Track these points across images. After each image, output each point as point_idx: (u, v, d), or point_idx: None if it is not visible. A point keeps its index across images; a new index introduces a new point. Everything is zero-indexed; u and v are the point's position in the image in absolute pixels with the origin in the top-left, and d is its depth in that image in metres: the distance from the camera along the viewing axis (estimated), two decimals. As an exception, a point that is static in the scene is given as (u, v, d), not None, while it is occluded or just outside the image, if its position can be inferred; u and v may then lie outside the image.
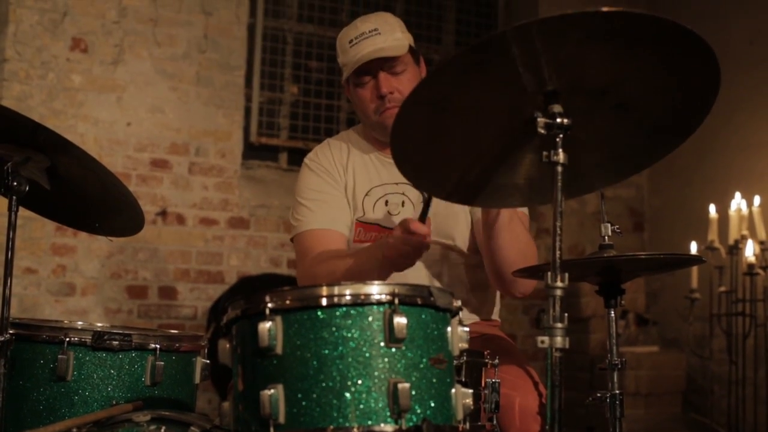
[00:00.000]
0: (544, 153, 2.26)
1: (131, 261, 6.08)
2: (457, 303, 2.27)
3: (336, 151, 3.54)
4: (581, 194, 2.70)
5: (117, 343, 2.73)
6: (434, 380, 2.14)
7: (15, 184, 2.67)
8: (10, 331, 2.62)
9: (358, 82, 3.41)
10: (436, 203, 3.31)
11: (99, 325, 3.08)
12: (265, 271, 6.39)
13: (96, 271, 5.99)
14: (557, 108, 2.24)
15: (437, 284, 3.28)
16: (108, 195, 2.92)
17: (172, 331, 3.07)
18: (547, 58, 2.15)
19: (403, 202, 3.40)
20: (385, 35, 3.36)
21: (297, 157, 6.52)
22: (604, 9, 2.01)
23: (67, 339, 2.70)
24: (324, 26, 7.07)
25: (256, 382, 2.11)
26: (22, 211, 2.75)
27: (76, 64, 6.04)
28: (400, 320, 2.07)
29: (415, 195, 3.39)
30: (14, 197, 2.69)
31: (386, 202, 3.42)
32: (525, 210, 3.41)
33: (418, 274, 3.28)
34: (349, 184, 3.47)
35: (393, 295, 2.10)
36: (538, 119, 2.24)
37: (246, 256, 6.42)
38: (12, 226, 2.69)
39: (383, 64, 3.35)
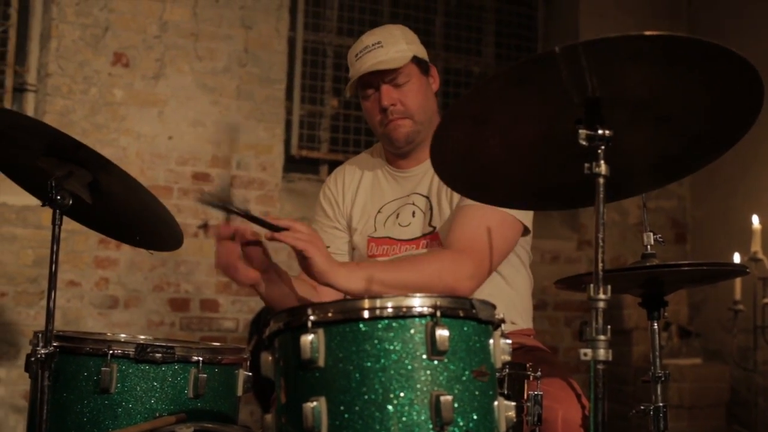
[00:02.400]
0: (586, 165, 2.25)
1: (173, 274, 6.10)
2: (499, 315, 2.26)
3: (348, 176, 3.61)
4: (620, 199, 2.68)
5: (160, 355, 2.73)
6: (477, 393, 2.13)
7: (58, 197, 2.69)
8: (54, 344, 2.64)
9: (364, 95, 3.45)
10: (437, 215, 3.33)
11: (142, 337, 3.10)
12: (308, 284, 6.41)
13: (138, 284, 6.02)
14: (599, 120, 2.24)
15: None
16: (148, 212, 2.93)
17: (215, 343, 3.08)
18: (590, 74, 2.15)
19: (413, 213, 3.41)
20: (387, 47, 3.37)
21: (338, 170, 6.54)
22: (647, 33, 2.02)
23: (111, 351, 2.71)
24: (364, 39, 7.08)
25: (298, 395, 2.11)
26: (66, 225, 2.76)
27: (117, 79, 6.08)
28: (442, 333, 2.06)
29: (422, 203, 3.40)
30: (57, 210, 2.71)
31: (397, 215, 3.43)
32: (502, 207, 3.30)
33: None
34: (358, 207, 3.52)
35: (435, 307, 2.09)
36: (580, 131, 2.24)
37: (288, 269, 6.41)
38: (55, 239, 2.70)
39: (384, 76, 3.36)
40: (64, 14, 5.98)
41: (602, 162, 2.24)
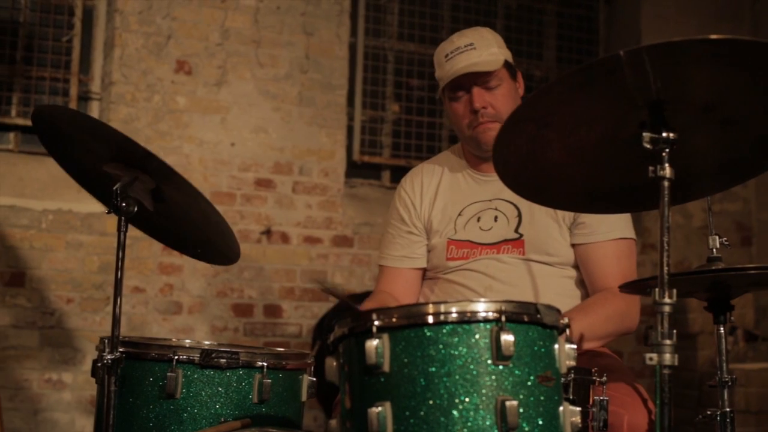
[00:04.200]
0: (650, 168, 2.24)
1: (237, 279, 6.13)
2: (564, 320, 2.25)
3: (427, 177, 3.59)
4: (684, 202, 2.66)
5: (225, 361, 2.75)
6: (542, 398, 2.12)
7: (124, 204, 2.71)
8: (120, 350, 2.66)
9: (453, 96, 3.42)
10: (528, 223, 3.33)
11: (206, 343, 3.12)
12: (369, 289, 6.40)
13: (202, 290, 6.05)
14: (663, 123, 2.22)
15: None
16: (208, 223, 2.95)
17: (279, 349, 3.08)
18: (654, 77, 2.13)
19: (496, 217, 3.40)
20: (480, 50, 3.36)
21: (399, 175, 6.49)
22: (713, 37, 2.00)
23: (176, 357, 2.73)
24: (424, 44, 7.08)
25: (363, 400, 2.11)
26: (130, 231, 2.79)
27: (180, 86, 6.12)
28: (507, 337, 2.06)
29: (508, 209, 3.39)
30: (123, 217, 2.73)
31: (478, 219, 3.42)
32: (619, 234, 3.36)
33: (520, 291, 3.27)
34: (437, 208, 3.51)
35: (500, 312, 2.09)
36: (644, 134, 2.22)
37: (350, 274, 6.44)
38: (121, 246, 2.72)
39: (477, 78, 3.35)
40: (127, 23, 6.03)
41: (667, 165, 2.22)
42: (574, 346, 2.24)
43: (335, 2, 6.56)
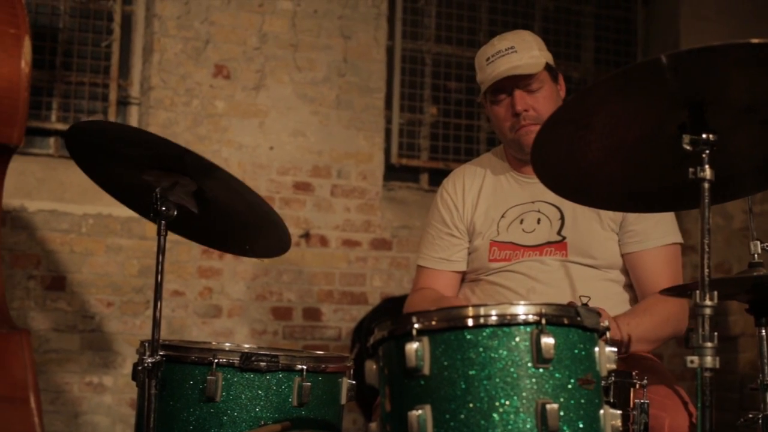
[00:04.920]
0: (690, 170, 2.23)
1: (276, 283, 6.14)
2: (604, 323, 2.24)
3: (469, 178, 3.59)
4: (723, 202, 2.64)
5: (264, 364, 2.76)
6: (582, 401, 2.11)
7: (164, 209, 2.72)
8: (161, 353, 2.67)
9: (494, 99, 3.42)
10: (571, 225, 3.32)
11: (246, 346, 3.13)
12: (408, 291, 6.38)
13: (241, 293, 6.06)
14: (703, 125, 2.21)
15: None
16: (254, 216, 2.96)
17: (318, 352, 3.09)
18: (695, 80, 2.12)
19: (539, 220, 3.39)
20: (521, 53, 3.35)
21: (438, 178, 6.51)
22: (754, 41, 1.99)
23: (216, 360, 2.74)
24: (462, 47, 7.06)
25: (403, 403, 2.11)
26: (169, 235, 2.80)
27: (219, 91, 6.14)
28: (547, 340, 2.05)
29: (550, 212, 3.39)
30: (163, 222, 2.74)
31: (521, 221, 3.42)
32: (670, 239, 3.36)
33: (562, 293, 3.27)
34: (480, 210, 3.50)
35: (540, 315, 2.08)
36: (684, 136, 2.21)
37: (389, 277, 6.44)
38: (161, 250, 2.74)
39: (518, 81, 3.35)
40: (165, 28, 6.06)
41: (707, 167, 2.21)
42: (615, 349, 2.23)
43: (372, 5, 6.56)
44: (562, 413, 2.05)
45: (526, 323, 2.08)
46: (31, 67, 2.82)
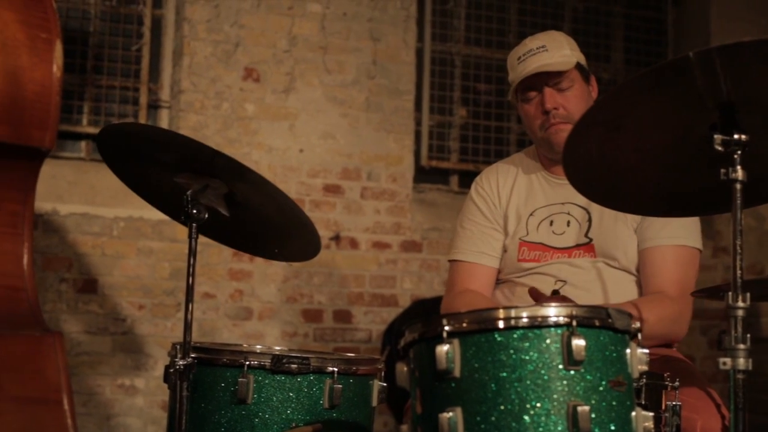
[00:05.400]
0: (722, 171, 2.21)
1: (306, 285, 6.15)
2: (636, 324, 2.23)
3: (502, 176, 3.57)
4: (757, 204, 2.62)
5: (296, 366, 2.76)
6: (614, 403, 2.10)
7: (195, 211, 2.73)
8: (192, 355, 2.68)
9: (525, 97, 3.41)
10: (598, 226, 3.30)
11: (277, 348, 3.13)
12: (439, 294, 6.38)
13: (272, 296, 6.08)
14: (734, 125, 2.20)
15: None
16: (285, 219, 2.96)
17: (349, 354, 3.09)
18: (725, 79, 2.11)
19: (568, 222, 3.38)
20: (552, 51, 3.35)
21: (468, 180, 6.51)
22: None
23: (247, 362, 2.75)
24: (491, 48, 7.06)
25: (434, 405, 2.11)
26: (200, 238, 2.81)
27: (249, 94, 6.15)
28: (578, 342, 2.04)
29: (579, 214, 3.38)
30: (194, 224, 2.75)
31: (551, 222, 3.41)
32: (682, 241, 3.33)
33: (592, 295, 3.26)
34: (512, 207, 3.49)
35: (570, 317, 2.07)
36: (715, 136, 2.20)
37: (419, 279, 6.44)
38: (192, 253, 2.75)
39: (549, 79, 3.34)
40: (195, 31, 6.08)
41: (739, 167, 2.19)
42: (647, 351, 2.22)
43: (402, 8, 6.57)
44: (593, 415, 2.04)
45: (556, 325, 2.07)
46: (63, 71, 2.83)
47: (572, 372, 2.06)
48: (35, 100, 2.76)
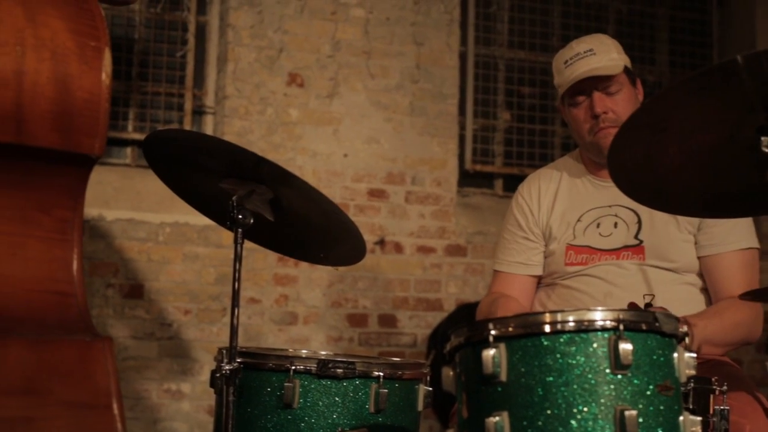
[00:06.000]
0: (768, 174, 2.20)
1: (351, 290, 6.16)
2: (683, 328, 2.22)
3: (545, 182, 3.57)
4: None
5: (341, 370, 2.76)
6: (661, 407, 2.09)
7: (240, 217, 2.74)
8: (238, 360, 2.69)
9: (573, 102, 3.40)
10: (649, 228, 3.29)
11: (323, 353, 3.13)
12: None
13: (317, 300, 6.09)
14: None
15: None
16: (330, 224, 2.97)
17: (395, 358, 3.08)
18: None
19: (615, 224, 3.37)
20: (599, 55, 3.34)
21: (512, 184, 6.50)
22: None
23: (293, 367, 2.75)
24: (535, 52, 7.04)
25: (481, 410, 2.11)
26: (246, 243, 2.82)
27: (293, 99, 6.17)
28: (625, 346, 2.03)
29: (627, 216, 3.36)
30: (240, 230, 2.76)
31: (598, 225, 3.40)
32: (746, 244, 3.33)
33: (638, 298, 3.24)
34: (556, 213, 3.49)
35: (618, 321, 2.06)
36: (762, 138, 2.19)
37: (464, 284, 6.43)
38: (238, 258, 2.76)
39: (597, 83, 3.33)
40: (239, 37, 6.11)
41: (785, 170, 2.18)
42: (694, 355, 2.21)
43: (445, 11, 6.56)
44: (641, 420, 2.03)
45: (603, 329, 2.06)
46: (111, 79, 2.86)
47: (619, 376, 2.04)
48: (84, 107, 2.79)
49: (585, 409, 2.02)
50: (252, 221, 2.77)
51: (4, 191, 2.80)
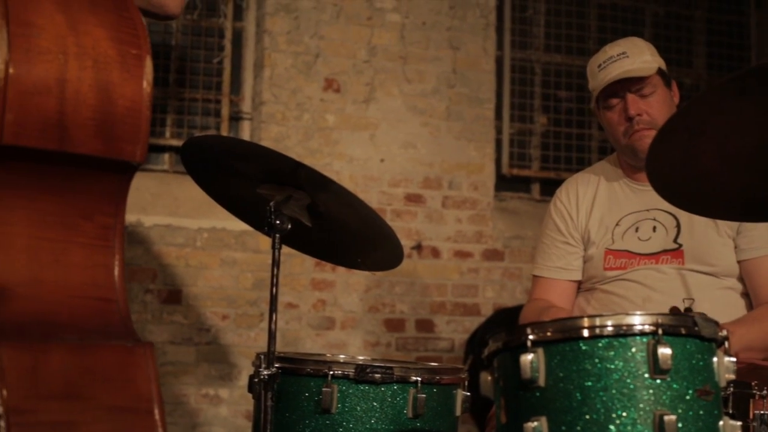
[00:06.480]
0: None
1: (388, 295, 6.16)
2: (723, 332, 2.21)
3: (582, 186, 3.57)
4: None
5: (379, 375, 2.76)
6: (701, 412, 2.08)
7: (278, 222, 2.75)
8: (276, 365, 2.70)
9: (607, 105, 3.40)
10: (688, 232, 3.28)
11: (360, 358, 3.14)
12: (521, 302, 6.35)
13: (354, 305, 6.09)
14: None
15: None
16: (367, 229, 2.98)
17: (432, 363, 3.09)
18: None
19: (654, 228, 3.37)
20: (633, 57, 3.34)
21: (549, 188, 6.49)
22: None
23: (331, 372, 2.76)
24: (572, 55, 7.02)
25: (519, 415, 2.11)
26: (283, 248, 2.83)
27: (329, 104, 6.18)
28: (664, 351, 2.02)
29: (666, 219, 3.35)
30: (277, 235, 2.77)
31: (636, 229, 3.39)
32: None
33: (677, 302, 3.22)
34: (595, 217, 3.48)
35: (656, 325, 2.06)
36: (801, 141, 2.18)
37: (501, 288, 6.41)
38: (276, 263, 2.77)
39: (631, 86, 3.33)
40: (276, 43, 6.13)
41: (827, 172, 2.17)
42: (734, 359, 2.20)
43: (481, 16, 6.56)
44: (680, 425, 2.02)
45: (642, 333, 2.06)
46: (153, 87, 2.88)
47: (658, 381, 2.04)
48: (126, 114, 2.81)
49: (624, 414, 2.01)
50: (290, 226, 2.78)
51: (47, 197, 2.83)
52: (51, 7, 2.79)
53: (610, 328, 2.06)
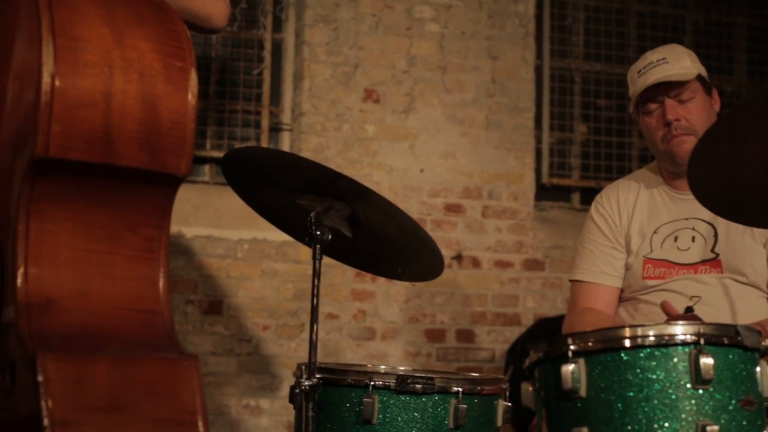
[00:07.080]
0: None
1: (429, 305, 6.16)
2: (766, 342, 2.19)
3: (623, 193, 3.55)
4: None
5: (420, 386, 2.76)
6: (744, 423, 2.07)
7: (318, 233, 2.76)
8: (318, 376, 2.70)
9: (645, 110, 3.40)
10: (724, 241, 3.26)
11: (401, 368, 3.14)
12: (562, 312, 6.31)
13: (395, 316, 6.09)
14: None
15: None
16: (408, 240, 2.98)
17: (473, 374, 3.08)
18: None
19: (693, 237, 3.35)
20: (672, 63, 3.33)
21: (589, 197, 6.42)
22: None
23: (372, 383, 2.75)
24: (611, 63, 7.00)
25: (561, 425, 2.10)
26: (324, 259, 2.83)
27: (369, 115, 6.19)
28: (706, 361, 2.02)
29: (705, 229, 3.34)
30: (318, 246, 2.78)
31: (675, 238, 3.38)
32: None
33: (719, 311, 3.21)
34: (635, 224, 3.46)
35: (698, 335, 2.05)
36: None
37: (542, 298, 6.40)
38: (316, 274, 2.77)
39: (669, 91, 3.32)
40: (315, 54, 6.14)
41: None
42: (778, 369, 2.19)
43: (520, 25, 6.55)
44: (723, 435, 2.01)
45: (684, 343, 2.05)
46: (197, 99, 2.90)
47: (701, 391, 2.03)
48: (171, 127, 2.83)
49: (666, 424, 2.01)
50: (330, 237, 2.78)
51: (93, 209, 2.85)
52: (97, 20, 2.81)
53: (651, 338, 2.05)
